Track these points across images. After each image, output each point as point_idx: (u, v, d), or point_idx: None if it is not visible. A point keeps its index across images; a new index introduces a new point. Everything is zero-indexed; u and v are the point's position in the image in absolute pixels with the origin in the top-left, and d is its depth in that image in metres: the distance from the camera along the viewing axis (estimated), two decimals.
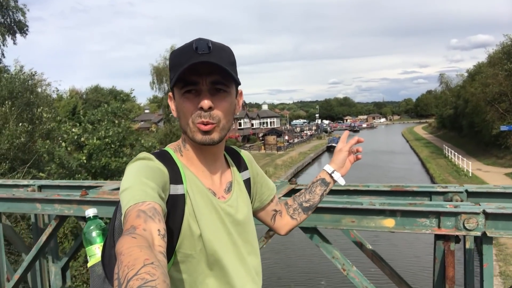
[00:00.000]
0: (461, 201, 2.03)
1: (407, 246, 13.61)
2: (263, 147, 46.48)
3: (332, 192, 2.32)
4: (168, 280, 0.64)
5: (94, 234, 1.17)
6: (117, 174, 9.65)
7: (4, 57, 20.95)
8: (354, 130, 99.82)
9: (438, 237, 1.77)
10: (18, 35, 21.73)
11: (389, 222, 1.79)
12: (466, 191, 2.07)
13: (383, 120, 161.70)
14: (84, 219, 2.51)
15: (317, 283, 11.37)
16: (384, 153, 41.71)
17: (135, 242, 0.70)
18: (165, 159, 1.04)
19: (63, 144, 10.05)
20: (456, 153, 28.35)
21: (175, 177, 1.02)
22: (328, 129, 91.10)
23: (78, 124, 11.35)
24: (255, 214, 1.31)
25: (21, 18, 21.51)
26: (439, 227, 1.71)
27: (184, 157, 1.09)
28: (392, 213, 1.79)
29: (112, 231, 1.00)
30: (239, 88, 1.12)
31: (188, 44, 1.01)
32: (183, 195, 1.02)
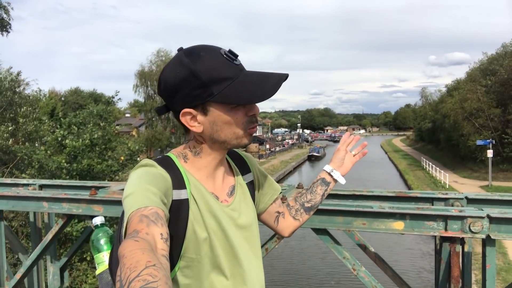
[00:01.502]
0: (462, 206, 2.15)
1: (405, 250, 14.02)
2: None
3: (339, 197, 2.41)
4: (170, 282, 0.65)
5: (102, 241, 1.18)
6: (101, 177, 9.52)
7: None
8: (334, 140, 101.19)
9: (444, 239, 1.89)
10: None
11: (399, 225, 1.90)
12: (466, 197, 2.20)
13: (362, 131, 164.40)
14: (93, 218, 2.53)
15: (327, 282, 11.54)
16: (363, 164, 42.39)
17: (137, 245, 0.71)
18: (168, 165, 1.05)
19: (42, 147, 9.86)
20: (433, 165, 29.13)
21: (178, 182, 1.03)
22: (309, 138, 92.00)
23: (59, 126, 11.15)
24: (259, 216, 1.31)
25: (4, 15, 21.05)
26: (446, 229, 1.82)
27: (188, 163, 1.09)
28: (401, 216, 1.89)
29: (118, 238, 0.99)
30: None
31: (218, 53, 1.00)
32: (187, 199, 1.03)
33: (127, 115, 63.40)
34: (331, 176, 1.36)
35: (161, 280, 0.61)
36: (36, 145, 10.54)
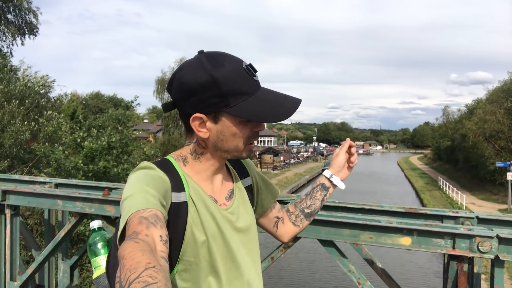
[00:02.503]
0: (472, 226, 2.12)
1: (413, 266, 13.77)
2: (259, 165, 46.55)
3: (348, 210, 2.41)
4: (170, 284, 0.64)
5: (99, 245, 1.19)
6: (117, 180, 9.67)
7: (12, 56, 21.15)
8: None
9: (451, 257, 1.86)
10: (27, 36, 21.99)
11: (406, 241, 1.88)
12: (477, 217, 2.17)
13: (379, 147, 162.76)
14: (105, 218, 2.59)
15: None
16: (377, 181, 41.86)
17: (137, 246, 0.71)
18: (166, 168, 1.05)
19: (60, 148, 10.10)
20: (450, 186, 28.57)
21: (177, 185, 1.03)
22: (325, 152, 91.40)
23: (78, 128, 11.43)
24: (258, 221, 1.31)
25: (33, 20, 21.80)
26: (453, 247, 1.80)
27: (187, 167, 1.09)
28: (409, 232, 1.88)
29: (115, 242, 0.97)
30: None
31: (240, 65, 1.01)
32: (186, 202, 1.02)
33: (146, 120, 64.39)
34: (331, 181, 1.35)
35: (161, 282, 0.61)
36: (56, 146, 10.82)
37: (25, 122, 10.94)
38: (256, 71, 1.04)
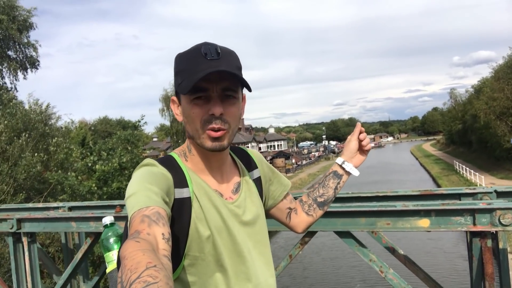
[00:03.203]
0: (490, 200, 2.06)
1: (438, 251, 13.58)
2: None
3: (362, 199, 2.37)
4: (172, 283, 0.64)
5: (111, 240, 1.20)
6: None
7: (17, 91, 21.51)
8: None
9: (473, 234, 1.81)
10: (29, 70, 22.36)
11: (424, 222, 1.83)
12: (495, 191, 2.11)
13: (390, 139, 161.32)
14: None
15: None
16: (394, 172, 41.43)
17: (138, 246, 0.71)
18: (169, 164, 1.06)
19: (73, 174, 10.21)
20: (467, 168, 28.11)
21: (180, 181, 1.03)
22: (336, 149, 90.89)
23: (89, 154, 11.55)
24: (270, 212, 1.30)
25: (33, 53, 22.17)
26: (474, 224, 1.74)
27: (189, 161, 1.10)
28: (426, 213, 1.83)
29: (126, 238, 0.98)
30: (245, 92, 1.12)
31: (195, 48, 1.02)
32: (189, 198, 1.02)
33: (155, 139, 64.85)
34: (343, 168, 1.32)
35: (161, 281, 0.61)
36: (68, 173, 10.95)
37: (35, 154, 11.08)
38: (218, 53, 0.99)
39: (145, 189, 0.90)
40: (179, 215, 1.00)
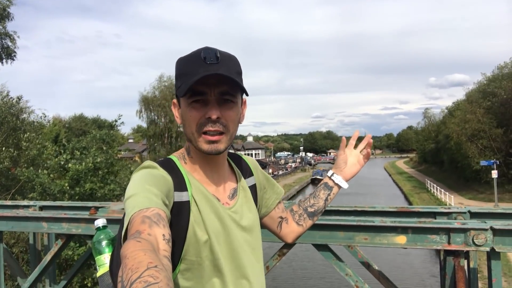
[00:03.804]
0: (465, 220, 2.12)
1: (411, 268, 13.81)
2: None
3: (340, 213, 2.38)
4: (172, 284, 0.64)
5: (103, 243, 1.18)
6: (104, 201, 9.48)
7: None
8: None
9: (448, 253, 1.85)
10: (4, 61, 21.63)
11: (401, 239, 1.86)
12: (469, 211, 2.16)
13: None
14: (92, 237, 2.51)
15: None
16: (368, 186, 42.12)
17: (139, 246, 0.71)
18: (169, 167, 1.06)
19: (44, 172, 9.90)
20: (438, 187, 28.90)
21: (180, 184, 1.03)
22: (312, 161, 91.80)
23: (62, 152, 11.23)
24: (262, 221, 1.29)
25: (10, 44, 21.51)
26: (449, 243, 1.78)
27: (188, 164, 1.10)
28: (403, 230, 1.86)
29: (120, 241, 0.98)
30: (244, 97, 1.13)
31: (195, 52, 1.02)
32: (188, 201, 1.02)
33: (130, 140, 63.79)
34: (333, 180, 1.35)
35: (162, 282, 0.61)
36: (39, 171, 10.59)
37: (3, 148, 10.68)
38: (217, 57, 1.00)
39: (146, 190, 0.90)
40: (178, 218, 1.00)
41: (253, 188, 1.23)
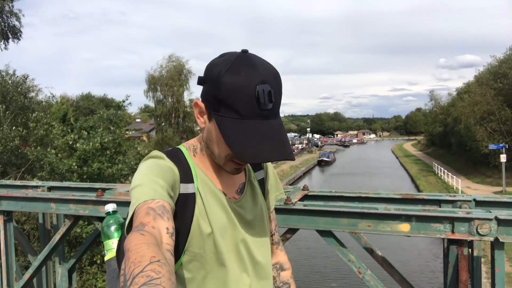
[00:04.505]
0: (469, 209, 2.11)
1: (415, 254, 13.93)
2: None
3: (344, 199, 2.39)
4: (174, 278, 0.65)
5: (112, 228, 1.18)
6: (112, 181, 9.61)
7: None
8: (344, 145, 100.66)
9: (451, 242, 1.86)
10: (10, 41, 21.61)
11: (405, 227, 1.87)
12: (474, 199, 2.16)
13: (373, 136, 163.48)
14: (99, 219, 2.55)
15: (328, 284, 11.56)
16: (374, 168, 42.12)
17: (143, 239, 0.72)
18: (177, 158, 1.05)
19: (52, 151, 10.00)
20: (445, 171, 28.76)
21: (186, 176, 1.03)
22: (319, 143, 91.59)
23: (70, 131, 11.32)
24: None
25: (16, 23, 21.43)
26: (452, 232, 1.79)
27: (197, 157, 1.09)
28: (407, 218, 1.86)
29: (124, 231, 1.00)
30: None
31: (247, 83, 0.92)
32: (194, 194, 1.02)
33: (138, 120, 63.98)
34: None
35: (164, 277, 0.61)
36: (48, 150, 10.70)
37: (13, 128, 10.79)
38: (271, 101, 0.93)
39: (152, 181, 0.91)
40: (183, 210, 1.00)
41: (261, 182, 1.22)
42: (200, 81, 1.01)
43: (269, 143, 0.94)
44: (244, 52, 0.99)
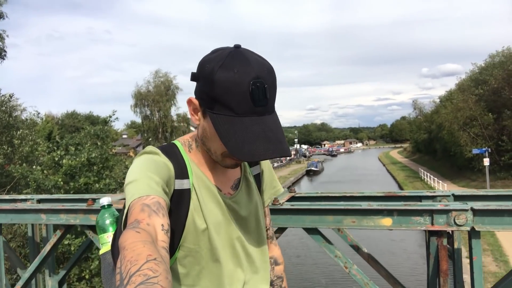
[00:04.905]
0: (448, 202, 2.21)
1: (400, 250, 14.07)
2: None
3: (330, 198, 2.47)
4: (170, 276, 0.64)
5: (107, 222, 1.20)
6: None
7: None
8: (332, 155, 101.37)
9: (431, 233, 1.94)
10: None
11: (387, 221, 1.95)
12: (453, 194, 2.26)
13: (359, 145, 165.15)
14: (90, 227, 2.58)
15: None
16: (362, 175, 42.48)
17: (138, 237, 0.71)
18: (172, 153, 1.04)
19: (38, 168, 9.89)
20: (431, 176, 29.19)
21: (181, 171, 1.02)
22: (307, 153, 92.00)
23: (56, 148, 11.22)
24: None
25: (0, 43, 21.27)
26: (432, 224, 1.87)
27: (192, 153, 1.08)
28: (389, 213, 1.95)
29: (120, 226, 1.00)
30: None
31: (241, 79, 0.90)
32: (189, 189, 1.02)
33: (124, 136, 63.54)
34: None
35: (161, 275, 0.61)
36: (33, 167, 10.57)
37: None
38: (265, 97, 0.93)
39: (146, 177, 0.90)
40: (178, 206, 1.00)
41: (257, 178, 1.22)
42: (193, 77, 1.00)
43: (265, 141, 0.92)
44: (237, 47, 0.97)
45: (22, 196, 3.23)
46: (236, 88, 0.90)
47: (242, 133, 0.91)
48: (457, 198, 2.27)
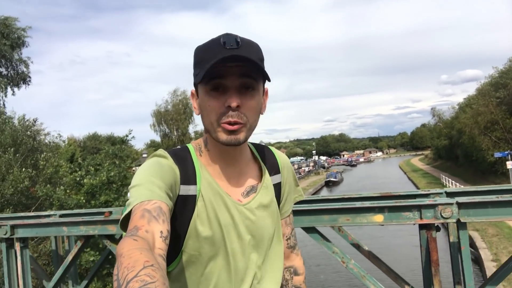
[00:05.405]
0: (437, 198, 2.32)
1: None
2: None
3: (328, 201, 2.61)
4: (168, 283, 0.64)
5: None
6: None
7: (5, 107, 21.58)
8: (351, 165, 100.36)
9: (421, 227, 2.06)
10: (20, 86, 22.43)
11: (379, 218, 2.08)
12: (446, 192, 2.38)
13: (379, 154, 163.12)
14: (108, 237, 2.78)
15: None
16: (382, 184, 41.93)
17: (135, 245, 0.71)
18: (182, 158, 1.03)
19: (61, 188, 10.28)
20: (454, 182, 28.63)
21: (188, 177, 1.01)
22: (326, 164, 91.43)
23: (77, 170, 11.64)
24: None
25: (24, 69, 22.33)
26: (421, 218, 1.99)
27: (203, 157, 1.06)
28: (380, 210, 2.08)
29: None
30: (266, 86, 1.07)
31: (215, 38, 0.96)
32: (194, 196, 1.00)
33: (144, 155, 64.53)
34: None
35: (159, 281, 0.61)
36: (56, 188, 10.98)
37: (23, 169, 11.14)
38: (237, 42, 0.94)
39: (150, 182, 0.90)
40: (181, 211, 1.00)
41: (277, 187, 1.17)
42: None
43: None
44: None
45: (46, 213, 3.48)
46: (210, 44, 0.97)
47: (208, 62, 0.94)
48: (449, 195, 2.38)
